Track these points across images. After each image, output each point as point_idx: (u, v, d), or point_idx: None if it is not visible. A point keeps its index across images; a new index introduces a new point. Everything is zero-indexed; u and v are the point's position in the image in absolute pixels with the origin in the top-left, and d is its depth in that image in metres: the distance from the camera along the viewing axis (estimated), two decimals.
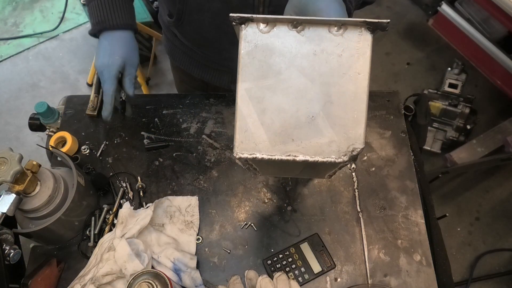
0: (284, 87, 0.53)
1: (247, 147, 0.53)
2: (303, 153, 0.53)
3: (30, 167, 0.77)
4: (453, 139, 2.12)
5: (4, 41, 2.63)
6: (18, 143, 2.24)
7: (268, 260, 0.84)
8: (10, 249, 0.74)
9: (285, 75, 0.54)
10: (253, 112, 0.53)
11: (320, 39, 0.53)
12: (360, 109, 0.53)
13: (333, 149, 0.53)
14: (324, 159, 0.53)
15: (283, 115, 0.53)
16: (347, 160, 0.53)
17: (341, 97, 0.53)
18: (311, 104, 0.53)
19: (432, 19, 2.58)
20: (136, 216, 0.84)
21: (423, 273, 0.84)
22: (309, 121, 0.53)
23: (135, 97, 0.89)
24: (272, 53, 0.54)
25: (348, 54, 0.53)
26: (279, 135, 0.53)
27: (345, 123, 0.53)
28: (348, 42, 0.53)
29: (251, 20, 0.54)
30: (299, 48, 0.54)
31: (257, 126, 0.54)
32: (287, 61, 0.54)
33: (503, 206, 2.05)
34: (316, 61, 0.53)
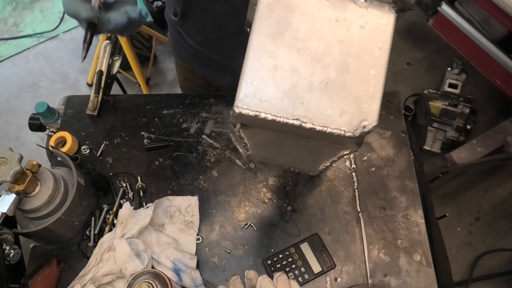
0: (301, 47, 0.50)
1: (251, 103, 0.48)
2: (311, 119, 0.48)
3: (30, 167, 0.77)
4: (453, 139, 2.12)
5: (4, 41, 2.63)
6: (18, 143, 2.24)
7: (268, 260, 0.84)
8: (10, 249, 0.74)
9: (303, 35, 0.50)
10: (264, 67, 0.49)
11: (344, 7, 0.51)
12: (377, 85, 0.50)
13: (345, 121, 0.49)
14: (333, 130, 0.48)
15: (295, 76, 0.49)
16: (357, 135, 0.49)
17: (359, 69, 0.50)
18: (327, 70, 0.50)
19: (432, 19, 2.58)
20: (136, 216, 0.84)
21: (423, 273, 0.84)
22: (323, 86, 0.49)
23: (145, 18, 0.69)
24: (293, 11, 0.51)
25: (371, 28, 0.51)
26: (288, 95, 0.49)
27: (360, 96, 0.49)
28: (372, 16, 0.51)
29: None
30: (322, 11, 0.51)
31: (265, 82, 0.49)
32: (308, 22, 0.50)
33: (503, 206, 2.05)
34: (337, 28, 0.50)
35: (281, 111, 0.48)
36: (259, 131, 0.51)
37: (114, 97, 1.05)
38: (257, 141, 0.57)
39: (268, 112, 0.48)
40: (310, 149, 0.55)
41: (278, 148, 0.60)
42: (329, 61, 0.50)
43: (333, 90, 0.49)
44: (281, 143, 0.54)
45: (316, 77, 0.49)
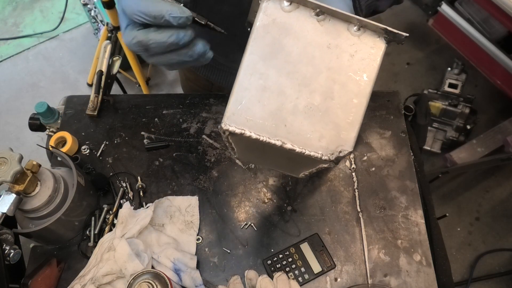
0: (291, 70, 0.52)
1: (237, 121, 0.51)
2: (292, 141, 0.51)
3: (30, 167, 0.77)
4: (453, 139, 2.12)
5: (4, 41, 2.63)
6: (18, 143, 2.24)
7: (268, 260, 0.84)
8: (10, 249, 0.74)
9: (294, 59, 0.52)
10: (253, 87, 0.51)
11: (338, 34, 0.52)
12: (357, 113, 0.52)
13: (322, 145, 0.51)
14: (310, 152, 0.51)
15: (282, 98, 0.51)
16: (333, 159, 0.51)
17: (343, 96, 0.52)
18: (313, 95, 0.51)
19: (432, 19, 2.58)
20: (136, 216, 0.84)
21: (423, 273, 0.84)
22: (306, 111, 0.51)
23: (187, 16, 0.55)
24: (288, 34, 0.52)
25: (360, 57, 0.52)
26: (273, 117, 0.51)
27: (340, 123, 0.52)
28: (363, 45, 0.52)
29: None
30: (315, 36, 0.52)
31: (253, 102, 0.51)
32: (300, 46, 0.52)
33: (503, 206, 2.05)
34: (328, 54, 0.52)
35: (264, 131, 0.51)
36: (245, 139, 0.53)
37: (114, 97, 1.05)
38: (243, 146, 0.59)
39: (252, 131, 0.51)
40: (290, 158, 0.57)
41: (261, 155, 0.61)
42: (316, 87, 0.52)
43: (315, 115, 0.51)
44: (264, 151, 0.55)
45: (301, 101, 0.51)
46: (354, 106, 0.52)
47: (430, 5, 2.57)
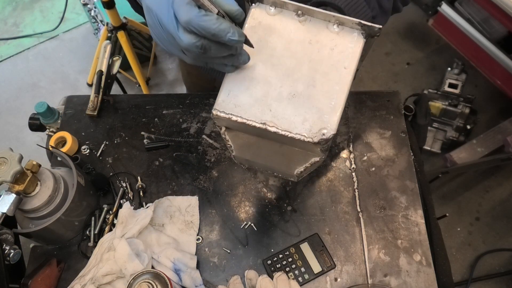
0: (275, 63, 0.57)
1: (227, 107, 0.55)
2: (276, 124, 0.54)
3: (30, 167, 0.77)
4: (453, 139, 2.12)
5: (4, 41, 2.63)
6: (18, 143, 2.24)
7: (268, 260, 0.84)
8: (10, 249, 0.74)
9: (279, 53, 0.57)
10: (242, 77, 0.56)
11: (318, 31, 0.57)
12: (339, 98, 0.55)
13: (305, 127, 0.54)
14: (294, 135, 0.54)
15: (267, 87, 0.56)
16: (316, 141, 0.54)
17: (324, 84, 0.56)
18: (296, 83, 0.56)
19: (432, 19, 2.58)
20: (136, 216, 0.84)
21: (423, 273, 0.84)
22: (290, 97, 0.56)
23: (240, 10, 0.52)
24: (272, 33, 0.57)
25: (339, 50, 0.57)
26: (259, 103, 0.55)
27: (322, 108, 0.55)
28: (342, 39, 0.57)
29: (260, 1, 0.58)
30: (298, 34, 0.57)
31: (241, 90, 0.56)
32: (284, 42, 0.57)
33: (503, 206, 2.05)
34: (309, 49, 0.57)
35: (251, 116, 0.55)
36: (240, 135, 0.57)
37: (114, 97, 1.05)
38: (239, 143, 0.63)
39: (239, 115, 0.55)
40: (284, 154, 0.60)
41: (257, 151, 0.64)
42: (299, 76, 0.56)
43: (298, 101, 0.56)
44: (259, 146, 0.59)
45: (285, 89, 0.56)
46: (335, 92, 0.56)
47: (430, 5, 2.57)
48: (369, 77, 2.41)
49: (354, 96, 1.04)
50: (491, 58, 2.27)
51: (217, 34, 0.49)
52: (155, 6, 0.53)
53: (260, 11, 0.58)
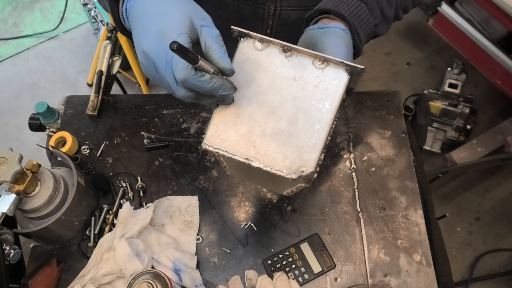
0: (261, 100, 0.59)
1: (214, 142, 0.59)
2: (259, 160, 0.58)
3: (30, 167, 0.77)
4: (453, 139, 2.12)
5: (4, 41, 2.63)
6: (18, 143, 2.24)
7: (268, 260, 0.84)
8: (10, 249, 0.74)
9: (264, 89, 0.59)
10: (229, 113, 0.59)
11: (303, 68, 0.59)
12: (320, 138, 0.57)
13: (286, 165, 0.57)
14: (275, 171, 0.57)
15: (252, 123, 0.59)
16: (295, 178, 0.57)
17: (306, 122, 0.58)
18: (279, 120, 0.58)
19: (432, 19, 2.58)
20: (136, 216, 0.84)
21: (423, 273, 0.84)
22: (273, 134, 0.58)
23: (232, 69, 0.57)
24: (259, 68, 0.60)
25: (323, 87, 0.58)
26: (244, 139, 0.58)
27: (303, 146, 0.57)
28: (326, 77, 0.58)
29: (249, 36, 0.60)
30: (283, 70, 0.59)
31: (228, 126, 0.59)
32: (269, 78, 0.59)
33: (503, 206, 2.05)
34: (293, 86, 0.59)
35: (236, 151, 0.58)
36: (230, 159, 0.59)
37: (114, 97, 1.05)
38: (233, 165, 0.66)
39: (225, 150, 0.58)
40: (272, 178, 0.61)
41: (249, 173, 0.66)
42: (282, 114, 0.58)
43: (281, 138, 0.58)
44: (250, 169, 0.60)
45: (269, 126, 0.58)
46: (316, 131, 0.58)
47: (430, 5, 2.57)
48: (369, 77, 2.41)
49: (354, 96, 1.04)
50: (491, 58, 2.27)
51: (210, 91, 0.54)
52: (154, 55, 0.55)
53: (248, 46, 0.61)
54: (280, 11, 0.84)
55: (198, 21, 0.56)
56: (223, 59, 0.54)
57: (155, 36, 0.55)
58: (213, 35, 0.56)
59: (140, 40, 0.57)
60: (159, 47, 0.54)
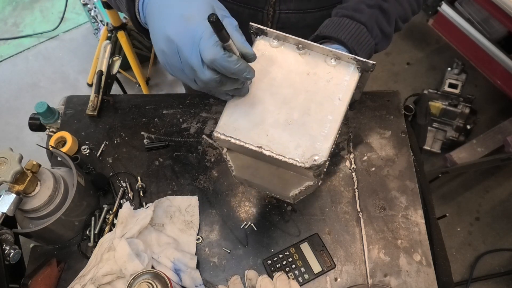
0: (274, 91, 0.60)
1: (227, 130, 0.59)
2: (271, 148, 0.58)
3: (30, 167, 0.77)
4: (453, 139, 2.12)
5: (4, 41, 2.63)
6: (18, 143, 2.24)
7: (268, 260, 0.84)
8: (10, 249, 0.74)
9: (278, 82, 0.61)
10: (243, 103, 0.60)
11: (316, 64, 0.61)
12: (332, 128, 0.58)
13: (298, 153, 0.57)
14: (287, 159, 0.57)
15: (266, 113, 0.59)
16: (308, 166, 0.57)
17: (319, 113, 0.59)
18: (292, 111, 0.59)
19: (432, 19, 2.58)
20: (136, 216, 0.84)
21: (423, 273, 0.84)
22: (286, 124, 0.59)
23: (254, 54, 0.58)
24: (273, 63, 0.61)
25: (335, 82, 0.60)
26: (257, 128, 0.59)
27: (315, 135, 0.58)
28: (338, 73, 0.60)
29: (265, 34, 0.63)
30: (297, 66, 0.61)
31: (242, 115, 0.60)
32: (283, 73, 0.61)
33: (503, 206, 2.05)
34: (307, 80, 0.61)
35: (248, 139, 0.58)
36: (240, 156, 0.61)
37: (114, 97, 1.05)
38: (239, 163, 0.66)
39: (238, 138, 0.58)
40: (280, 176, 0.63)
41: (255, 172, 0.67)
42: (295, 105, 0.60)
43: (293, 128, 0.59)
44: (258, 168, 0.62)
45: (281, 116, 0.59)
46: (329, 122, 0.59)
47: (430, 5, 2.57)
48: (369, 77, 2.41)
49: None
50: (491, 58, 2.27)
51: (236, 73, 0.54)
52: (178, 39, 0.55)
53: (264, 43, 0.63)
54: (279, 15, 0.85)
55: (219, 11, 0.57)
56: (246, 45, 0.55)
57: (179, 20, 0.55)
58: (233, 24, 0.57)
59: (162, 26, 0.56)
60: (185, 30, 0.54)
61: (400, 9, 0.78)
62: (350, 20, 0.72)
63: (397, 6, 0.78)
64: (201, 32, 0.52)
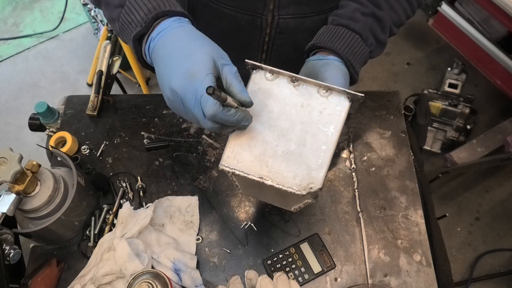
0: (272, 124, 0.65)
1: (231, 162, 0.64)
2: (271, 178, 0.63)
3: (30, 167, 0.77)
4: (453, 139, 2.12)
5: (4, 41, 2.63)
6: (18, 143, 2.24)
7: (268, 260, 0.84)
8: (10, 249, 0.74)
9: (275, 115, 0.65)
10: (244, 137, 0.65)
11: (310, 96, 0.65)
12: (326, 157, 0.63)
13: (296, 182, 0.63)
14: (286, 188, 0.62)
15: (265, 146, 0.64)
16: (305, 194, 0.62)
17: (313, 144, 0.63)
18: (289, 143, 0.64)
19: (432, 19, 2.58)
20: (136, 216, 0.84)
21: (423, 273, 0.84)
22: (284, 155, 0.63)
23: (251, 102, 0.62)
24: (270, 96, 0.66)
25: (328, 113, 0.64)
26: (258, 160, 0.64)
27: (311, 165, 0.63)
28: (330, 103, 0.64)
29: (260, 68, 0.66)
30: (292, 98, 0.65)
31: (243, 148, 0.64)
32: (280, 105, 0.65)
33: (503, 206, 2.05)
34: (301, 111, 0.65)
35: (251, 170, 0.63)
36: (245, 178, 0.64)
37: (114, 97, 1.05)
38: (244, 184, 0.71)
39: (241, 170, 0.64)
40: (281, 195, 0.67)
41: (259, 191, 0.71)
42: (292, 137, 0.64)
43: (291, 159, 0.63)
44: (261, 187, 0.65)
45: (280, 148, 0.64)
46: (322, 152, 0.63)
47: (430, 5, 2.57)
48: (369, 77, 2.41)
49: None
50: (491, 58, 2.27)
51: (235, 123, 0.60)
52: (182, 93, 0.59)
53: (260, 76, 0.66)
54: (278, 20, 0.86)
55: (219, 60, 0.61)
56: (243, 93, 0.60)
57: (184, 76, 0.59)
58: (232, 72, 0.60)
59: (167, 78, 0.61)
60: (188, 86, 0.58)
61: (395, 16, 0.81)
62: (345, 29, 0.75)
63: (391, 13, 0.80)
64: (202, 89, 0.57)
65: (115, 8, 0.67)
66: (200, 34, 0.64)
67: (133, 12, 0.65)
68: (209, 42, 0.63)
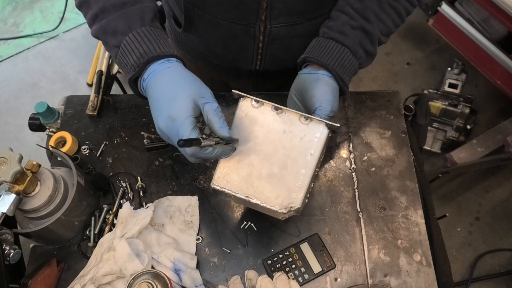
0: (257, 149, 0.72)
1: (221, 182, 0.72)
2: (257, 197, 0.71)
3: (30, 167, 0.77)
4: (453, 139, 2.12)
5: (4, 41, 2.63)
6: (18, 143, 2.24)
7: (268, 260, 0.84)
8: (10, 249, 0.74)
9: (260, 140, 0.72)
10: (233, 160, 0.72)
11: (291, 123, 0.71)
12: (304, 180, 0.70)
13: (278, 202, 0.70)
14: (269, 207, 0.70)
15: (251, 168, 0.72)
16: (285, 212, 0.70)
17: (293, 168, 0.70)
18: (272, 166, 0.71)
19: (432, 19, 2.58)
20: (136, 216, 0.84)
21: (423, 273, 0.84)
22: (268, 177, 0.71)
23: (230, 137, 0.68)
24: (255, 123, 0.73)
25: (308, 139, 0.70)
26: (244, 181, 0.71)
27: (291, 187, 0.70)
28: (310, 131, 0.70)
29: (247, 97, 0.73)
30: (275, 125, 0.72)
31: (232, 170, 0.72)
32: (264, 132, 0.72)
33: (503, 206, 2.05)
34: (284, 137, 0.71)
35: (238, 190, 0.72)
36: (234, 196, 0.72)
37: (114, 97, 1.05)
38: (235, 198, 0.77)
39: (230, 189, 0.72)
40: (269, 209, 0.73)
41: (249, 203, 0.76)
42: (275, 160, 0.71)
43: (274, 180, 0.71)
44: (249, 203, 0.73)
45: (264, 170, 0.71)
46: (302, 175, 0.70)
47: (430, 5, 2.57)
48: (369, 77, 2.41)
49: (354, 96, 1.04)
50: (491, 58, 2.27)
51: (214, 158, 0.68)
52: (167, 132, 0.68)
53: (247, 104, 0.73)
54: (270, 29, 0.89)
55: (200, 100, 0.68)
56: (223, 129, 0.67)
57: (167, 120, 0.67)
58: (213, 109, 0.67)
59: (156, 118, 0.69)
60: (171, 128, 0.66)
61: (383, 27, 0.83)
62: (335, 43, 0.79)
63: (380, 25, 0.82)
64: (182, 131, 0.65)
65: (113, 47, 0.74)
66: (185, 74, 0.71)
67: (127, 55, 0.72)
68: (193, 83, 0.70)
